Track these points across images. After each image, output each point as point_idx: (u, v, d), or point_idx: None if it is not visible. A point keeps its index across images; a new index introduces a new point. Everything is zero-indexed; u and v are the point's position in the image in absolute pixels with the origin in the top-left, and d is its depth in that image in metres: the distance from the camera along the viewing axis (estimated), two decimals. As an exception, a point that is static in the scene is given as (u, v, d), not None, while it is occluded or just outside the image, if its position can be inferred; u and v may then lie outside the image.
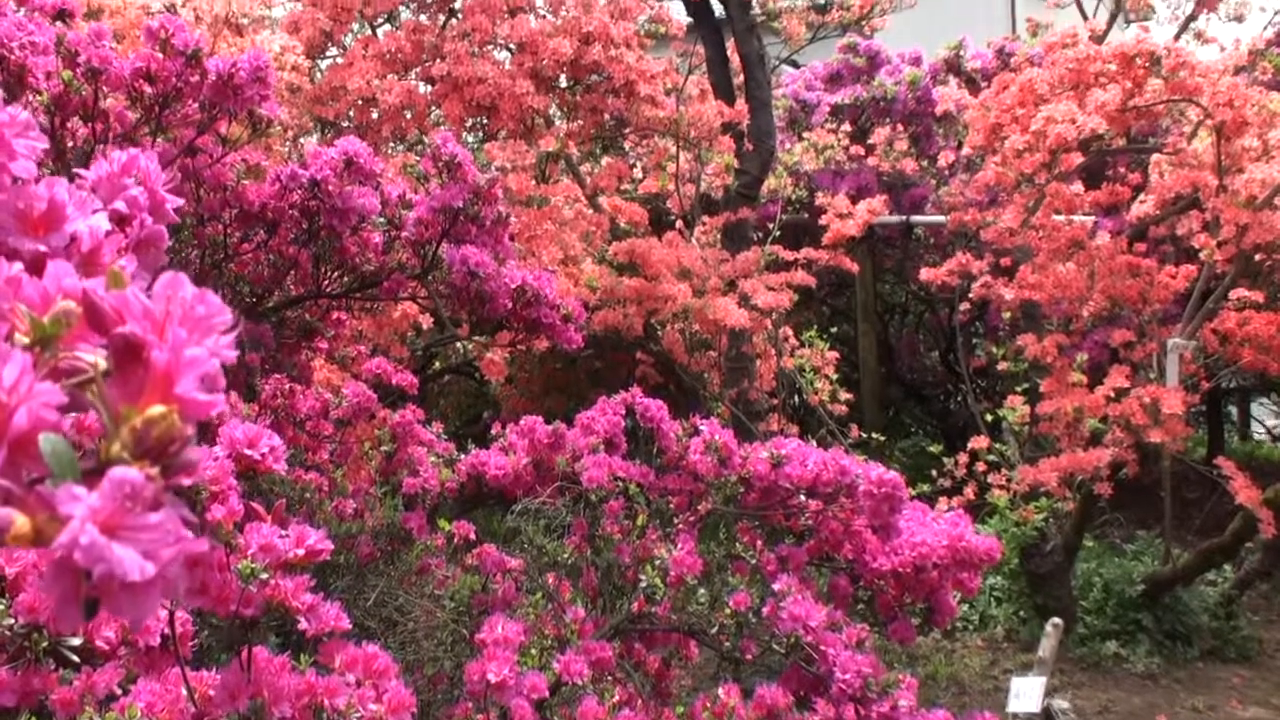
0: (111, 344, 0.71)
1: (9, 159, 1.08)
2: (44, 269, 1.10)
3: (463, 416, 13.13)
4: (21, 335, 0.83)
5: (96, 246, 1.08)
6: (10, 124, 1.09)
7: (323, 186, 3.76)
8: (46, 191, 1.08)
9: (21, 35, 3.47)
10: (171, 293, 0.74)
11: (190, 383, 0.68)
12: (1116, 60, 7.74)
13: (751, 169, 9.23)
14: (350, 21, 8.00)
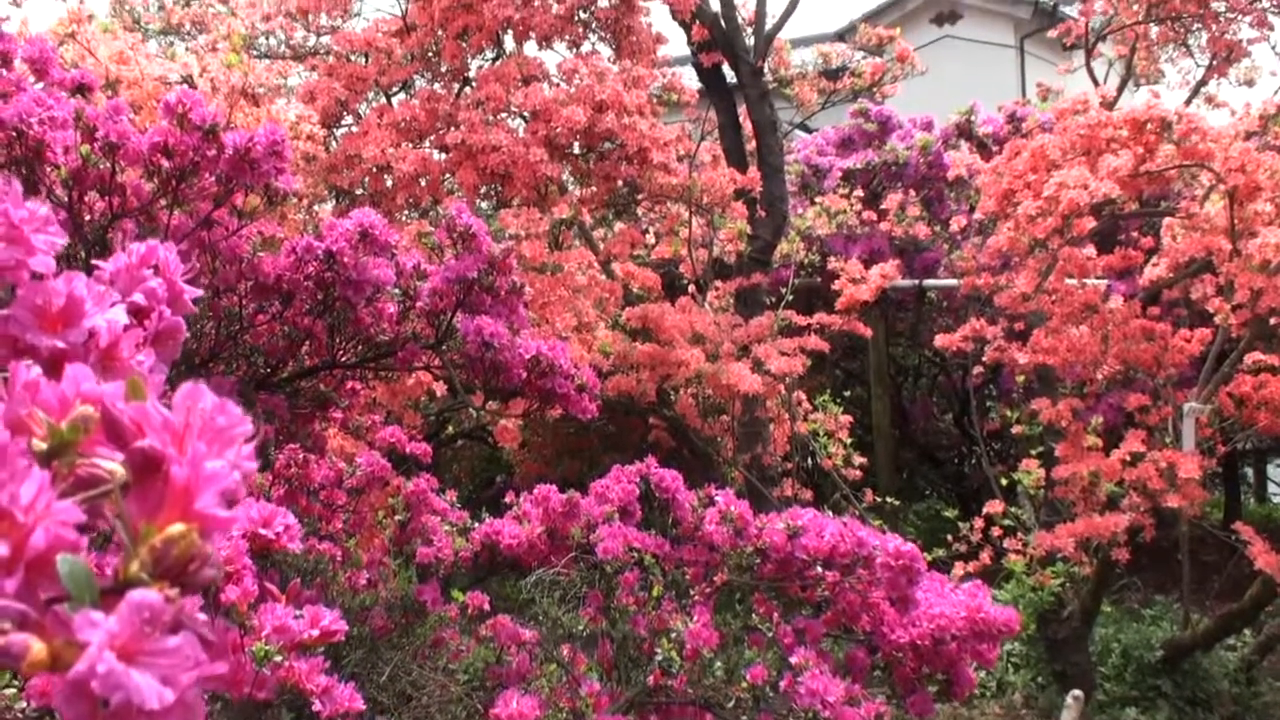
0: (130, 458, 0.70)
1: (28, 254, 1.07)
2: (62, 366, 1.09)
3: (476, 481, 13.10)
4: (39, 441, 0.82)
5: (114, 342, 1.08)
6: (30, 220, 1.09)
7: (338, 258, 3.77)
8: (65, 287, 1.07)
9: (40, 111, 3.50)
10: (191, 404, 0.74)
11: (210, 498, 0.67)
12: (1128, 126, 7.76)
13: (764, 234, 9.25)
14: (365, 91, 8.07)
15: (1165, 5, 10.88)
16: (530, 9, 7.66)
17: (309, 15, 8.35)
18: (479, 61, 8.29)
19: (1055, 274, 8.47)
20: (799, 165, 12.84)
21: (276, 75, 6.85)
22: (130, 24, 9.26)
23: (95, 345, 1.07)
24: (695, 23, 9.75)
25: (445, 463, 12.12)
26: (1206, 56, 12.32)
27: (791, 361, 8.48)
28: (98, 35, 6.54)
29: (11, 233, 1.05)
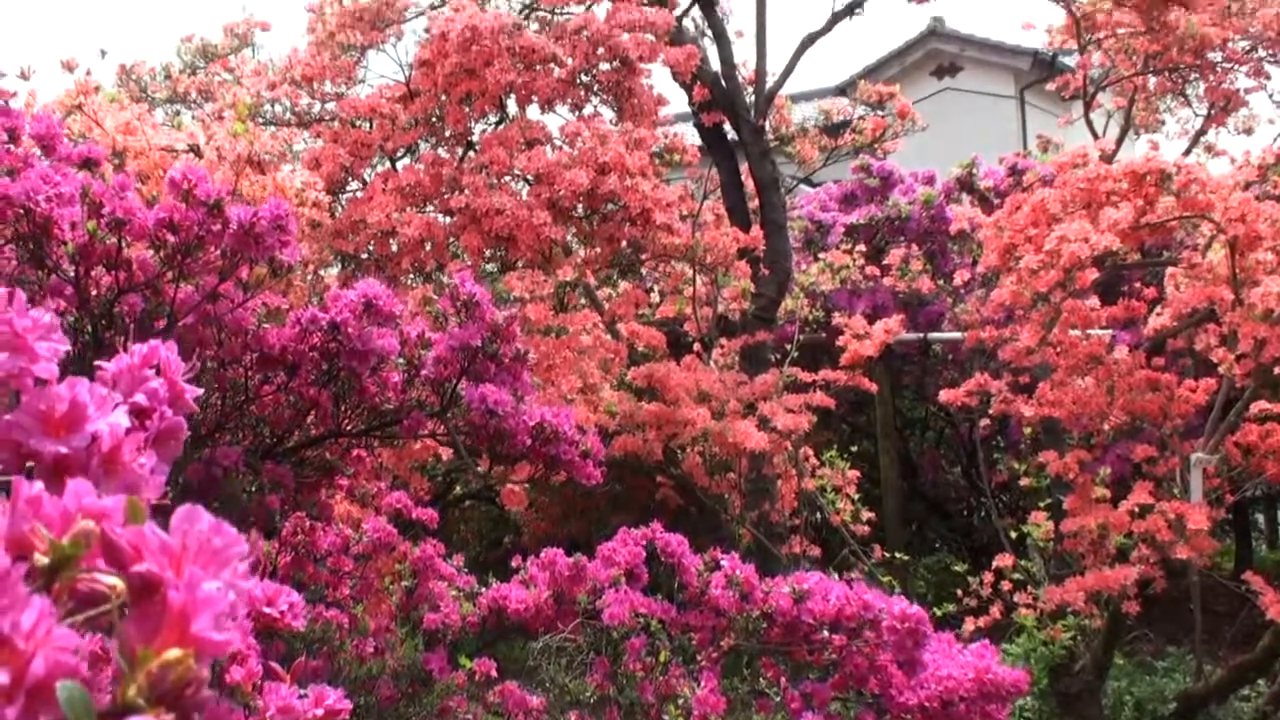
0: (129, 582, 0.72)
1: (31, 362, 1.09)
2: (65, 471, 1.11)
3: (484, 541, 13.08)
4: (41, 556, 0.84)
5: (116, 446, 1.10)
6: (34, 328, 1.11)
7: (342, 329, 3.80)
8: (68, 392, 1.10)
9: (47, 188, 3.54)
10: (188, 527, 0.76)
11: (207, 621, 0.69)
12: (1127, 179, 7.80)
13: (768, 292, 9.29)
14: (370, 157, 8.13)
15: (1162, 57, 10.95)
16: (532, 74, 7.73)
17: (314, 83, 8.42)
18: (482, 126, 8.37)
19: (1059, 326, 8.49)
20: (802, 221, 12.90)
21: (282, 143, 6.90)
22: (137, 93, 9.35)
23: (98, 450, 1.09)
24: (696, 83, 9.84)
25: (453, 523, 12.11)
26: (1205, 106, 12.39)
27: (797, 418, 8.49)
28: (104, 106, 6.60)
29: (16, 341, 1.07)
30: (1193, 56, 10.82)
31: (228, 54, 10.10)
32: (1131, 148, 14.06)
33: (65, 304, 3.81)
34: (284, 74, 8.54)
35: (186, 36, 10.06)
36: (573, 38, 7.95)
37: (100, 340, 3.74)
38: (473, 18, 7.53)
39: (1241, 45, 11.34)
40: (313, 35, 8.65)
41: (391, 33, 8.46)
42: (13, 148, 4.06)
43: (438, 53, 7.81)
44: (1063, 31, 12.23)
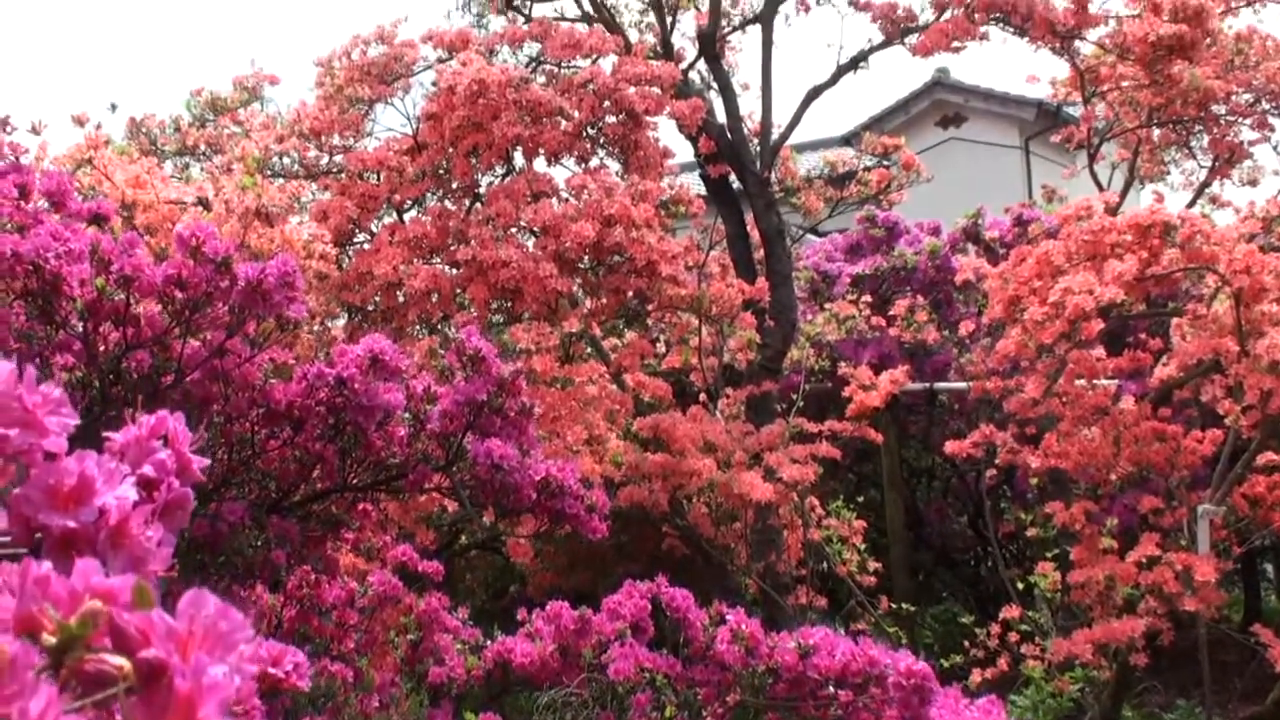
0: (136, 666, 0.73)
1: (41, 437, 1.11)
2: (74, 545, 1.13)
3: (489, 591, 13.04)
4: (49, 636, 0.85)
5: (124, 519, 1.11)
6: (43, 402, 1.12)
7: (349, 385, 3.82)
8: (76, 466, 1.11)
9: (57, 246, 3.57)
10: (195, 611, 0.77)
11: (213, 708, 0.70)
12: (1132, 231, 7.83)
13: (774, 343, 9.31)
14: (377, 209, 8.19)
15: (1166, 109, 11.01)
16: (539, 127, 7.79)
17: (322, 136, 8.49)
18: (489, 178, 8.42)
19: (1064, 376, 8.49)
20: (808, 271, 12.94)
21: (290, 196, 6.95)
22: (146, 146, 9.44)
23: (106, 523, 1.10)
24: (702, 135, 9.89)
25: (458, 572, 12.08)
26: (1209, 158, 12.45)
27: (804, 469, 8.48)
28: (114, 160, 6.66)
29: (26, 417, 1.09)
30: (1196, 109, 10.88)
31: (237, 107, 10.20)
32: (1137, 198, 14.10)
33: (73, 359, 3.83)
34: (292, 127, 8.61)
35: (196, 90, 10.16)
36: (579, 91, 8.01)
37: (107, 396, 3.76)
38: (480, 71, 7.59)
39: (1245, 98, 11.41)
40: (321, 89, 8.73)
41: (399, 86, 8.53)
42: (23, 204, 4.10)
43: (445, 106, 7.88)
44: (1066, 84, 12.32)
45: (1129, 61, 10.47)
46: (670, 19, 10.90)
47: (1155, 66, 10.10)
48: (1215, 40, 10.65)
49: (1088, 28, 10.28)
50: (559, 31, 8.71)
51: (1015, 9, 9.70)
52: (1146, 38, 9.70)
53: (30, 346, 3.73)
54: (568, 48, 8.44)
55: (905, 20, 10.48)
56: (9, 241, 3.53)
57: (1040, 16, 9.78)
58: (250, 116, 10.06)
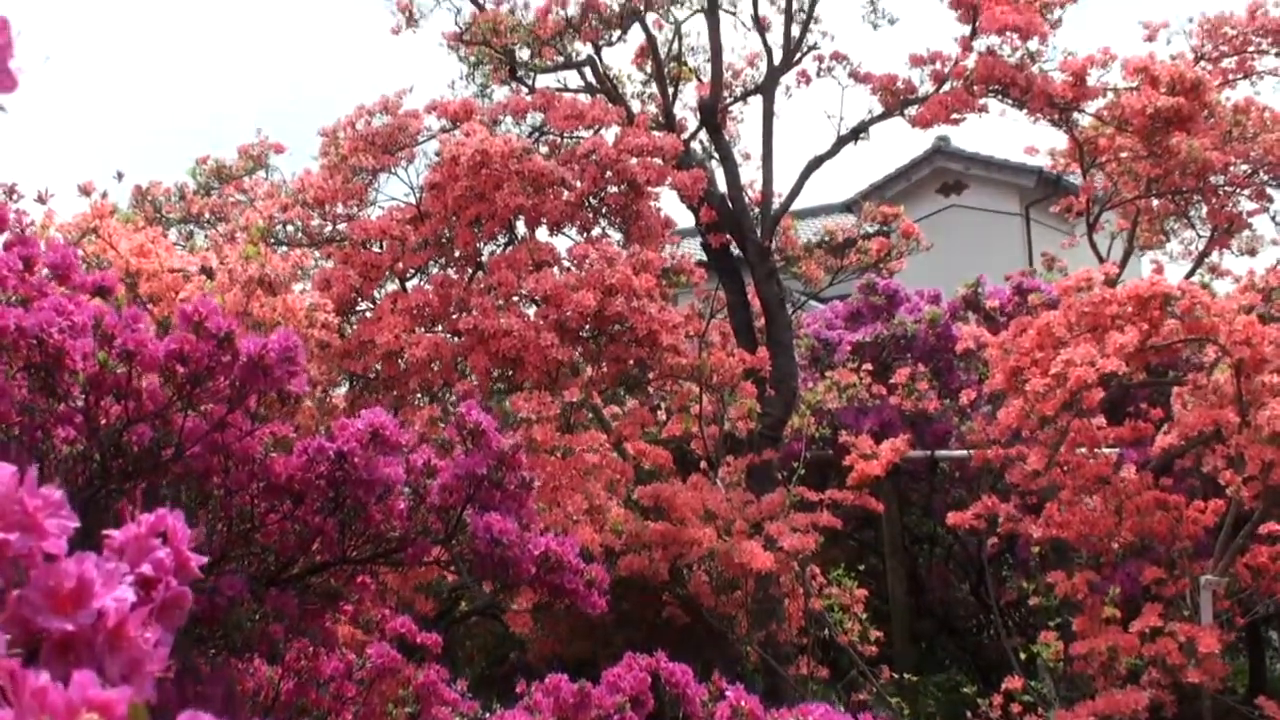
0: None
1: (40, 539, 1.12)
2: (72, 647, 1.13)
3: (489, 658, 12.96)
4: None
5: (122, 621, 1.12)
6: (44, 505, 1.13)
7: (349, 459, 3.82)
8: (75, 569, 1.12)
9: (61, 320, 3.59)
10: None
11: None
12: (1132, 302, 7.87)
13: (774, 411, 9.32)
14: (380, 278, 8.23)
15: (1165, 180, 11.10)
16: (541, 197, 7.86)
17: (326, 205, 8.56)
18: (491, 247, 8.48)
19: (1066, 445, 8.50)
20: (808, 339, 12.97)
21: (293, 265, 6.99)
22: (151, 214, 9.49)
23: (104, 626, 1.11)
24: (703, 204, 9.96)
25: (457, 640, 12.01)
26: (1208, 228, 12.53)
27: (804, 538, 8.47)
28: (119, 229, 6.70)
29: (26, 520, 1.10)
30: (1195, 180, 10.97)
31: (242, 175, 10.27)
32: (1137, 266, 14.17)
33: (74, 433, 3.84)
34: (296, 196, 8.68)
35: (202, 158, 10.23)
36: (582, 161, 8.08)
37: (108, 470, 3.77)
38: (483, 142, 7.66)
39: (1243, 169, 11.50)
40: (325, 159, 8.80)
41: (403, 156, 8.60)
42: (28, 275, 4.12)
43: (448, 176, 7.94)
44: (1065, 155, 12.43)
45: (1127, 133, 10.56)
46: (672, 90, 11.02)
47: (1153, 138, 10.19)
48: (1213, 112, 10.75)
49: (1086, 100, 10.37)
50: (562, 102, 8.80)
51: (1014, 82, 9.80)
52: (1144, 110, 9.79)
53: (32, 420, 3.74)
54: (570, 119, 8.52)
55: (905, 92, 10.58)
56: (13, 315, 3.55)
57: (1039, 89, 9.88)
58: (255, 185, 10.13)
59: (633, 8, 9.98)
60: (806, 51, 11.23)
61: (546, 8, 10.12)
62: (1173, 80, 9.95)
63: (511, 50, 10.03)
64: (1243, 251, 12.57)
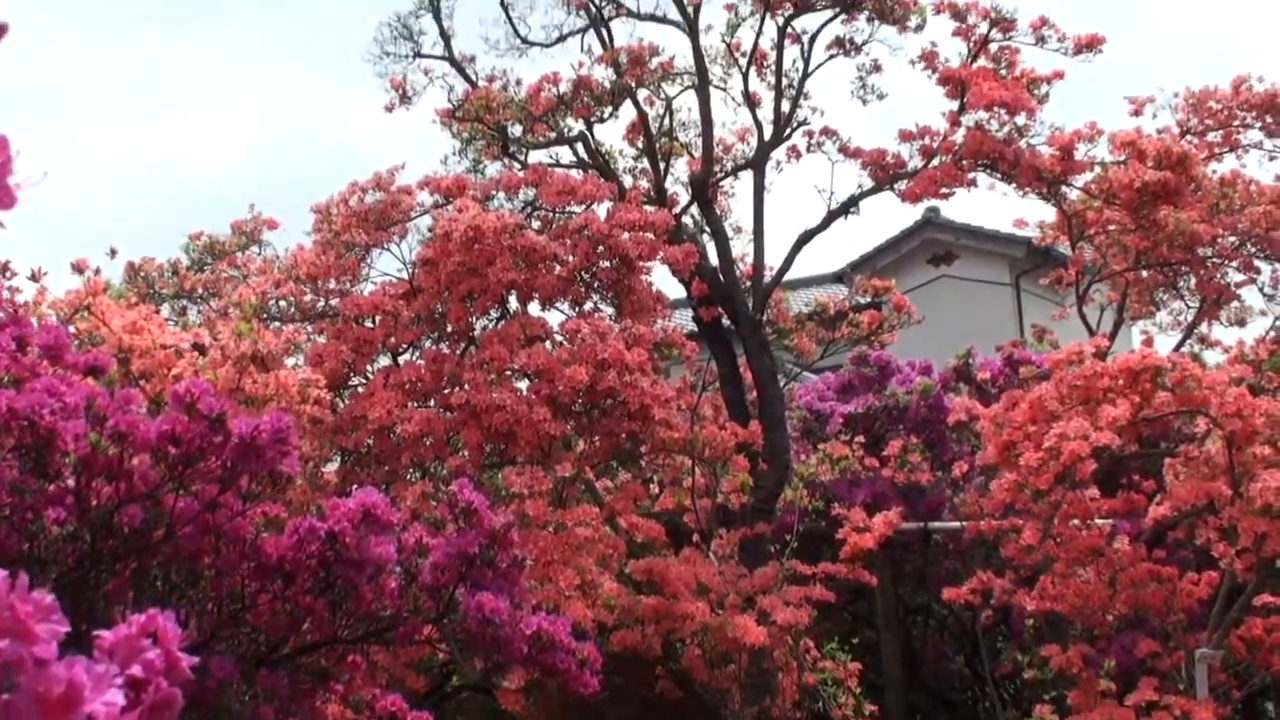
0: None
1: (31, 645, 1.12)
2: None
3: (481, 734, 12.83)
4: None
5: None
6: (34, 611, 1.14)
7: (340, 539, 3.81)
8: (65, 673, 1.12)
9: (52, 401, 3.59)
10: None
11: None
12: (1123, 375, 7.89)
13: (767, 484, 9.32)
14: (372, 353, 8.24)
15: (1153, 252, 11.17)
16: (534, 272, 7.89)
17: (318, 281, 8.60)
18: (484, 322, 8.49)
19: (1059, 518, 8.50)
20: (800, 411, 12.98)
21: (286, 340, 7.01)
22: (144, 290, 9.51)
23: (93, 731, 1.11)
24: (695, 278, 10.01)
25: (449, 715, 11.90)
26: (1197, 299, 12.58)
27: (798, 612, 8.44)
28: (111, 307, 6.71)
29: (17, 626, 1.10)
30: (1183, 252, 11.04)
31: (235, 251, 10.31)
32: (1128, 336, 14.20)
33: (65, 513, 3.83)
34: (289, 272, 8.72)
35: (195, 234, 10.28)
36: (574, 236, 8.13)
37: (98, 551, 3.75)
38: (476, 218, 7.71)
39: (1230, 240, 11.57)
40: (318, 234, 8.84)
41: (395, 232, 8.64)
42: (21, 356, 4.13)
43: (441, 251, 7.98)
44: (1054, 228, 12.49)
45: (1115, 206, 10.65)
46: (664, 165, 11.11)
47: (1141, 211, 10.27)
48: (1200, 185, 10.84)
49: (1074, 174, 10.48)
50: (554, 178, 8.86)
51: (1002, 156, 9.90)
52: (1132, 184, 9.88)
53: (22, 500, 3.73)
54: (562, 194, 8.58)
55: (894, 167, 10.68)
56: (5, 397, 3.56)
57: (1027, 164, 9.98)
58: (248, 260, 10.17)
59: (624, 85, 10.08)
60: (796, 127, 11.34)
61: (539, 85, 10.22)
62: (1159, 154, 10.05)
63: (504, 126, 10.12)
64: (1232, 322, 12.61)
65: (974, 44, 10.74)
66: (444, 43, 10.91)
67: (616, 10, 10.87)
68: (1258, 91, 11.64)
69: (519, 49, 11.14)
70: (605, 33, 10.85)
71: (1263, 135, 11.89)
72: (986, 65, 10.71)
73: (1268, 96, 11.58)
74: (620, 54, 10.16)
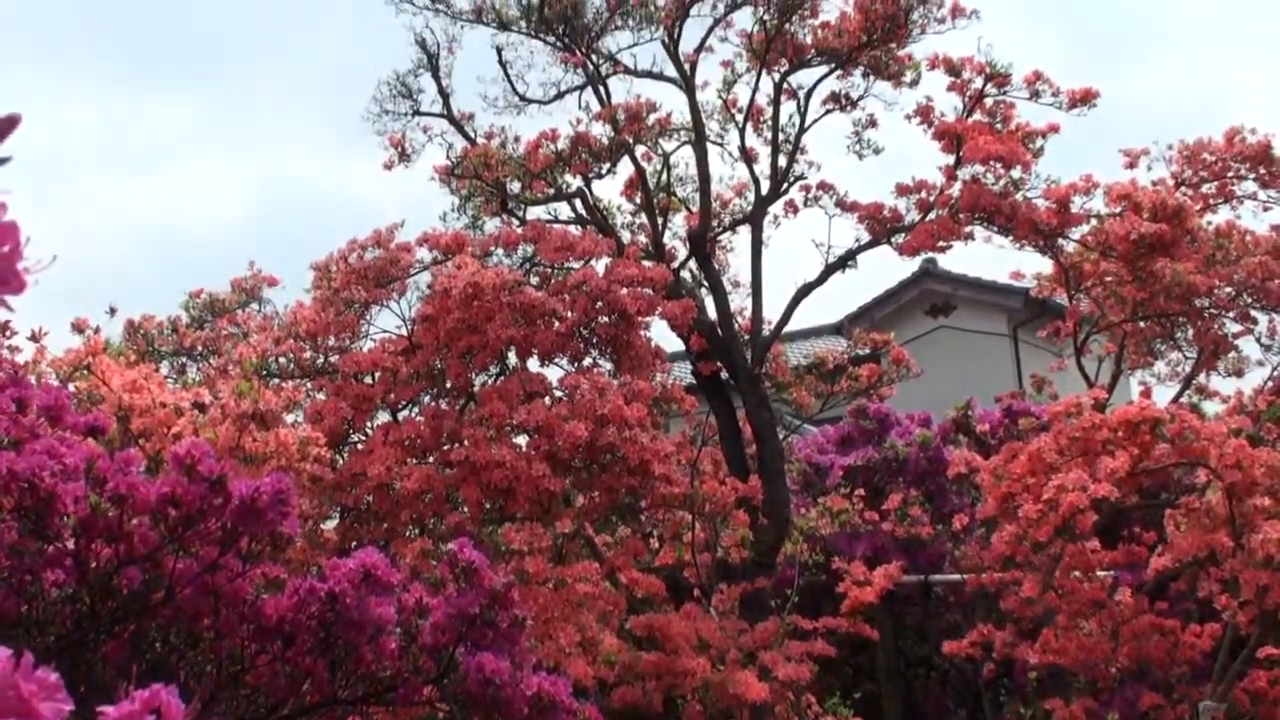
0: None
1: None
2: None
3: (480, 792, 12.73)
4: None
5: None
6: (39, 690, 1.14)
7: (340, 600, 3.81)
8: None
9: (52, 464, 3.60)
10: None
11: None
12: (1122, 427, 7.91)
13: (767, 538, 9.31)
14: (372, 410, 8.25)
15: (1150, 304, 11.19)
16: (533, 328, 7.91)
17: (318, 338, 8.61)
18: (483, 378, 8.50)
19: (1060, 570, 8.48)
20: (800, 464, 12.99)
21: (285, 398, 7.02)
22: (144, 348, 9.52)
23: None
24: (694, 332, 10.03)
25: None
26: (1195, 349, 12.59)
27: (799, 668, 8.41)
28: (111, 366, 6.73)
29: (22, 706, 1.10)
30: (1180, 303, 11.06)
31: (235, 309, 10.32)
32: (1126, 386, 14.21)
33: (64, 575, 3.83)
34: (289, 329, 8.73)
35: (195, 292, 10.30)
36: (572, 292, 8.15)
37: (98, 613, 3.75)
38: (475, 275, 7.73)
39: (1227, 291, 11.60)
40: (318, 292, 8.86)
41: (395, 289, 8.66)
42: (21, 417, 4.14)
43: (440, 308, 8.00)
44: (1051, 280, 12.52)
45: (1112, 258, 10.68)
46: (661, 220, 11.15)
47: (1138, 263, 10.30)
48: (1195, 237, 10.89)
49: (1070, 226, 10.52)
50: (553, 234, 8.89)
51: (999, 210, 9.94)
52: (1128, 236, 9.92)
53: (21, 562, 3.73)
54: (561, 250, 8.60)
55: (891, 220, 10.73)
56: (5, 460, 3.56)
57: (1023, 217, 10.02)
58: (248, 318, 10.19)
59: (622, 140, 10.14)
60: (793, 181, 11.41)
61: (537, 141, 10.28)
62: (1155, 206, 10.10)
63: (503, 183, 10.17)
64: (1230, 373, 12.61)
65: (969, 99, 10.81)
66: (443, 101, 10.99)
67: (614, 68, 10.96)
68: (1251, 143, 11.71)
69: (517, 106, 11.22)
70: (603, 90, 10.93)
71: (1257, 186, 11.95)
72: (982, 119, 10.78)
73: (1261, 148, 11.65)
74: (618, 111, 10.22)
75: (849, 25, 10.63)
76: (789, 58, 11.02)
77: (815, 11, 10.90)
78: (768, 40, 10.75)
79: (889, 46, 10.75)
